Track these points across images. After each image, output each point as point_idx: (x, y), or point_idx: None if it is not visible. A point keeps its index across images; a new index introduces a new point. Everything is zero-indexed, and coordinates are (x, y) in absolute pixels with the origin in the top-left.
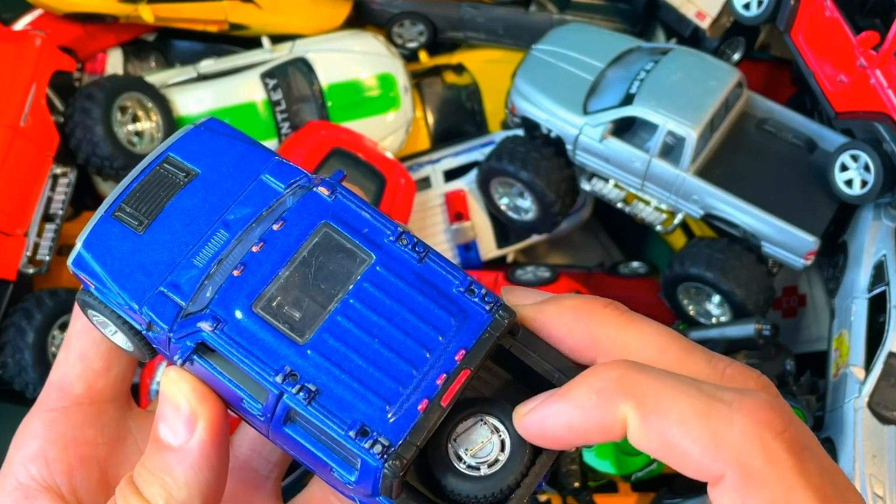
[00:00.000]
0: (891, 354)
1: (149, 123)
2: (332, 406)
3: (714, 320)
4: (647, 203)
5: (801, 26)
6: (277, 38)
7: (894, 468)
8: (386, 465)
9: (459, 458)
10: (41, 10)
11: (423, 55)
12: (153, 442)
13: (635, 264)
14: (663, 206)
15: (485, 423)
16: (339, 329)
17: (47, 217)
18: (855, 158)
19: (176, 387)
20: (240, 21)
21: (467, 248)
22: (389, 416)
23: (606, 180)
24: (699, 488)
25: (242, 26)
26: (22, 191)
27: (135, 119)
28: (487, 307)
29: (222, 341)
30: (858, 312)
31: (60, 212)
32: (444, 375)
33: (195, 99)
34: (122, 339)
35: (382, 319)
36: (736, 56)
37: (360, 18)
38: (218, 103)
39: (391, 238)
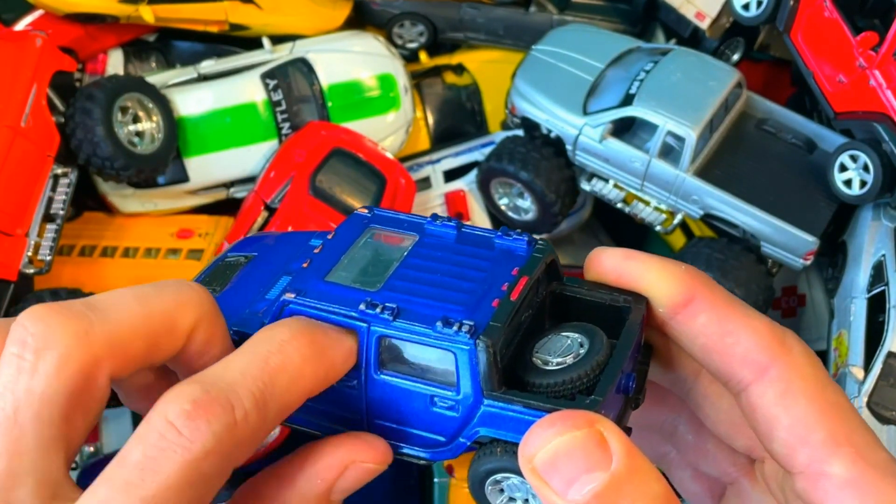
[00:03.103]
0: (890, 354)
1: (149, 124)
2: (414, 318)
3: None
4: (647, 203)
5: (800, 27)
6: (278, 39)
7: None
8: (477, 341)
9: (544, 363)
10: (42, 11)
11: (423, 55)
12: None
13: None
14: (663, 207)
15: (560, 334)
16: (404, 277)
17: (48, 217)
18: (854, 159)
19: (389, 456)
20: (240, 21)
21: None
22: (467, 315)
23: (606, 180)
24: None
25: (243, 27)
26: (23, 191)
27: (135, 119)
28: (526, 241)
29: (304, 303)
30: (858, 312)
31: (61, 212)
32: (506, 285)
33: (196, 99)
34: None
35: (439, 264)
36: (735, 56)
37: (360, 19)
38: (218, 104)
39: (428, 221)
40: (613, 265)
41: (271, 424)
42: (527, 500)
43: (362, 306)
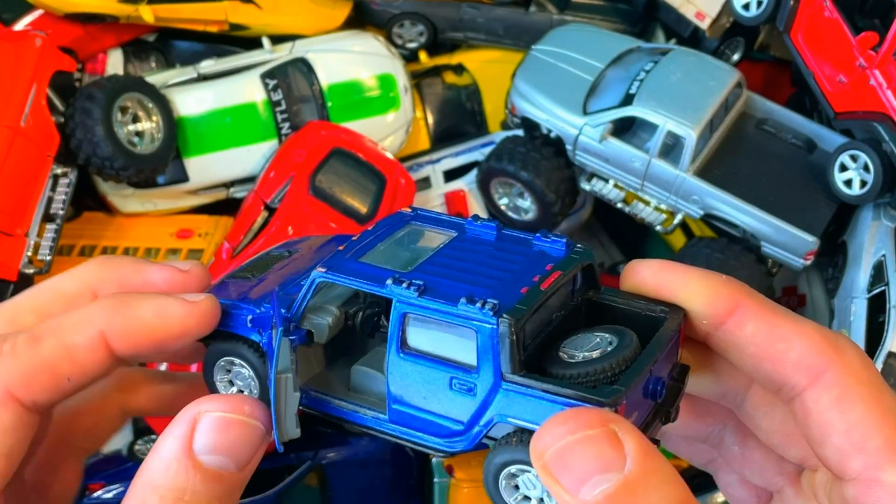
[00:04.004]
0: (890, 354)
1: (149, 124)
2: (440, 295)
3: None
4: (647, 203)
5: (800, 27)
6: (278, 39)
7: None
8: (500, 319)
9: (570, 357)
10: (42, 11)
11: (423, 55)
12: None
13: None
14: (663, 207)
15: (589, 333)
16: (436, 264)
17: (48, 217)
18: (854, 158)
19: (247, 405)
20: (240, 21)
21: None
22: (492, 296)
23: (606, 180)
24: (704, 487)
25: (243, 27)
26: (22, 191)
27: (135, 119)
28: (564, 242)
29: (334, 275)
30: (858, 312)
31: (61, 212)
32: (538, 276)
33: (195, 99)
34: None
35: (474, 255)
36: (735, 56)
37: (360, 19)
38: (218, 103)
39: (468, 221)
40: (652, 276)
41: (49, 358)
42: (542, 500)
43: (389, 281)
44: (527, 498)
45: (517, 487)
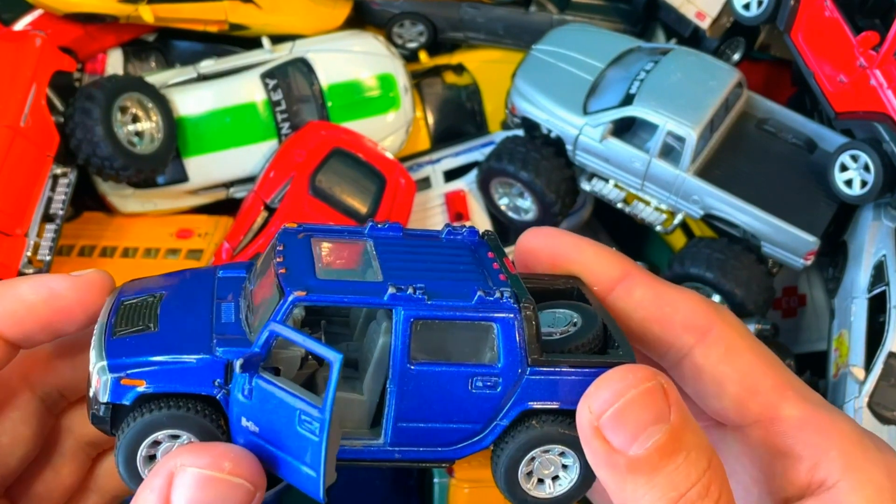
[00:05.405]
0: (891, 354)
1: (149, 124)
2: (449, 294)
3: None
4: (647, 203)
5: (800, 27)
6: (277, 39)
7: None
8: (521, 306)
9: (547, 335)
10: (41, 11)
11: (423, 55)
12: None
13: None
14: (663, 207)
15: (545, 311)
16: (395, 269)
17: (47, 217)
18: (855, 158)
19: (228, 461)
20: (240, 21)
21: None
22: (498, 287)
23: (606, 180)
24: None
25: (242, 26)
26: (22, 191)
27: (135, 119)
28: (476, 231)
29: (319, 296)
30: (858, 312)
31: (61, 212)
32: (496, 264)
33: (195, 99)
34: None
35: (414, 254)
36: (736, 56)
37: (360, 18)
38: (218, 103)
39: (370, 226)
40: (547, 243)
41: None
42: (556, 477)
43: (392, 290)
44: (541, 481)
45: (530, 474)
